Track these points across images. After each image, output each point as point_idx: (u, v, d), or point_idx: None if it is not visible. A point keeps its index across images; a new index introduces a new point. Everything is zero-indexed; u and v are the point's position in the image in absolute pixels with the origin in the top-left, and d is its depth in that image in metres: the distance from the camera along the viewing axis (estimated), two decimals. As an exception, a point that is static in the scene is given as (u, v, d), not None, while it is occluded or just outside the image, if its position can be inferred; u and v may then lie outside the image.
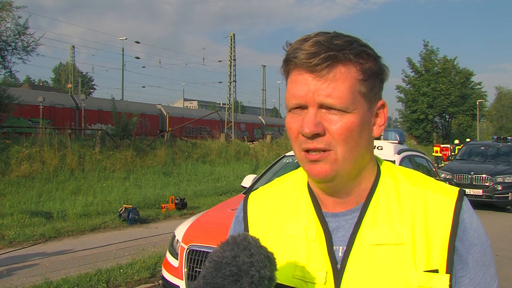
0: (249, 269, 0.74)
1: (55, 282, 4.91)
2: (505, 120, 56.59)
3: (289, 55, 0.86)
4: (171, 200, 10.49)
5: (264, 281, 0.75)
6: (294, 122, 0.87)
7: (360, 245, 0.88)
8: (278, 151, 22.56)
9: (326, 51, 0.82)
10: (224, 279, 0.73)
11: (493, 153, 13.33)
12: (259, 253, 0.76)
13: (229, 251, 0.76)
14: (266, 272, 0.75)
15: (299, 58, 0.84)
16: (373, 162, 0.95)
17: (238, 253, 0.75)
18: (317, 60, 0.82)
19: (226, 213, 4.08)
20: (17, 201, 10.23)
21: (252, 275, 0.74)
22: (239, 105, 64.41)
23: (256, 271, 0.74)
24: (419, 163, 5.84)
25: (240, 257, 0.75)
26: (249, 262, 0.75)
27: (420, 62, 41.19)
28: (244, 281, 0.73)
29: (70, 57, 51.65)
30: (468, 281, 0.87)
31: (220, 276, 0.74)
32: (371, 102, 0.88)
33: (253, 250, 0.76)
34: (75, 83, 53.15)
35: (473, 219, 0.89)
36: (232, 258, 0.75)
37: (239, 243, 0.77)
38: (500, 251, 6.98)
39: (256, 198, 1.06)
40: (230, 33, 37.25)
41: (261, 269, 0.75)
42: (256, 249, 0.77)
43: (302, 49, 0.84)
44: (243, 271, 0.74)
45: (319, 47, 0.82)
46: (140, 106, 28.59)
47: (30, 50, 15.59)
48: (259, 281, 0.74)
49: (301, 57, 0.83)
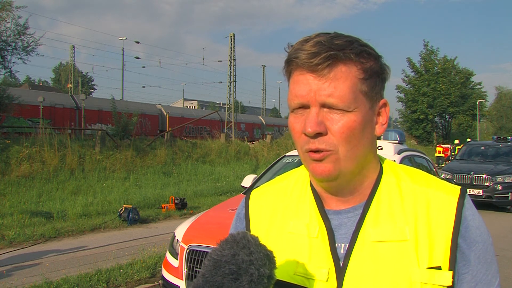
0: (248, 267, 0.74)
1: (55, 282, 4.91)
2: (505, 120, 56.60)
3: (291, 56, 0.87)
4: (171, 200, 10.49)
5: (263, 279, 0.75)
6: (297, 122, 0.88)
7: (363, 242, 0.88)
8: (278, 151, 22.57)
9: (327, 50, 0.83)
10: (223, 277, 0.73)
11: (493, 153, 13.33)
12: (258, 251, 0.76)
13: (229, 249, 0.76)
14: (265, 270, 0.75)
15: (300, 58, 0.85)
16: (375, 160, 0.96)
17: (238, 251, 0.75)
18: (318, 60, 0.83)
19: (226, 213, 4.08)
20: (17, 201, 10.23)
21: (251, 273, 0.74)
22: (239, 105, 64.42)
23: (255, 269, 0.74)
24: (419, 163, 5.84)
25: (240, 256, 0.75)
26: (249, 260, 0.74)
27: (420, 62, 41.21)
28: (244, 279, 0.73)
29: (70, 57, 51.67)
30: (470, 278, 0.87)
31: (219, 275, 0.74)
32: (373, 101, 0.89)
33: (253, 249, 0.76)
34: (75, 83, 53.17)
35: (475, 217, 0.90)
36: (231, 256, 0.75)
37: (238, 242, 0.77)
38: (500, 251, 6.99)
39: (258, 195, 1.06)
40: (230, 33, 37.28)
41: (261, 267, 0.75)
42: (255, 247, 0.77)
43: (303, 49, 0.85)
44: (243, 269, 0.74)
45: (320, 47, 0.83)
46: (140, 106, 28.59)
47: (30, 50, 15.59)
48: (259, 279, 0.74)
49: (302, 57, 0.84)
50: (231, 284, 0.73)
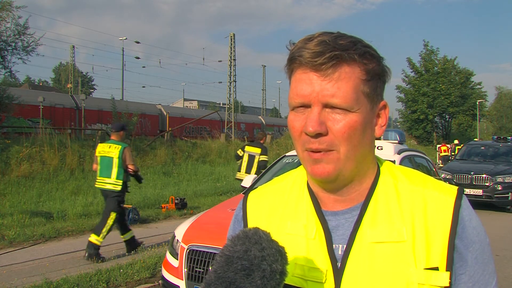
0: (260, 263, 0.74)
1: (55, 282, 4.91)
2: (505, 120, 56.57)
3: (294, 54, 0.87)
4: (171, 200, 10.49)
5: (275, 275, 0.74)
6: (297, 120, 0.87)
7: (360, 243, 0.88)
8: (278, 151, 22.55)
9: (331, 50, 0.83)
10: (235, 273, 0.73)
11: (493, 153, 13.33)
12: (270, 247, 0.76)
13: (241, 245, 0.76)
14: (277, 266, 0.75)
15: (304, 57, 0.84)
16: (374, 161, 0.96)
17: (250, 247, 0.75)
18: (322, 59, 0.82)
19: (226, 213, 4.08)
20: (17, 201, 10.23)
21: (263, 269, 0.73)
22: (239, 105, 64.41)
23: (267, 265, 0.74)
24: (419, 163, 5.84)
25: (252, 251, 0.74)
26: (261, 256, 0.74)
27: (420, 62, 41.19)
28: (256, 275, 0.73)
29: (70, 57, 51.75)
30: (467, 278, 0.87)
31: (231, 270, 0.73)
32: (374, 102, 0.89)
33: (265, 244, 0.76)
34: (75, 83, 53.20)
35: (472, 217, 0.90)
36: (243, 252, 0.74)
37: (250, 237, 0.77)
38: (500, 251, 6.98)
39: (256, 197, 1.06)
40: (230, 33, 37.28)
41: (273, 263, 0.74)
42: (267, 243, 0.76)
43: (307, 48, 0.84)
44: (255, 265, 0.73)
45: (324, 47, 0.83)
46: (140, 106, 28.56)
47: (30, 50, 15.61)
48: (271, 275, 0.74)
49: (306, 55, 0.84)
50: (243, 280, 0.72)
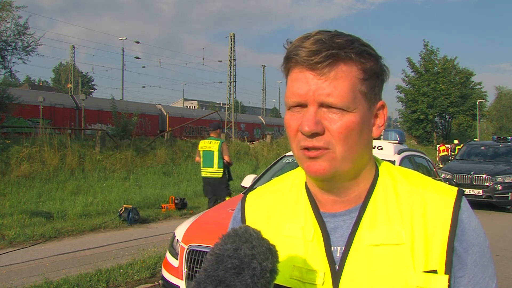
0: (250, 261, 0.73)
1: (55, 282, 4.91)
2: (505, 120, 56.61)
3: (290, 53, 0.85)
4: (171, 200, 10.49)
5: (266, 274, 0.74)
6: (293, 120, 0.86)
7: (359, 246, 0.87)
8: (278, 151, 22.54)
9: (327, 49, 0.81)
10: (225, 272, 0.72)
11: (493, 153, 13.33)
12: (260, 245, 0.75)
13: (231, 243, 0.75)
14: (268, 264, 0.74)
15: (300, 56, 0.83)
16: (371, 162, 0.94)
17: (240, 245, 0.75)
18: (318, 58, 0.81)
19: (226, 213, 4.09)
20: (17, 201, 10.23)
21: (254, 267, 0.73)
22: (239, 105, 64.36)
23: (258, 263, 0.73)
24: (419, 163, 5.84)
25: (242, 250, 0.74)
26: (251, 254, 0.74)
27: (420, 62, 41.20)
28: (246, 273, 0.72)
29: (70, 57, 51.74)
30: (467, 281, 0.86)
31: (221, 269, 0.73)
32: (371, 102, 0.88)
33: (255, 243, 0.75)
34: (75, 83, 53.19)
35: (471, 219, 0.88)
36: (233, 250, 0.74)
37: (240, 236, 0.76)
38: (500, 251, 6.98)
39: (254, 198, 1.05)
40: (230, 33, 37.29)
41: (263, 262, 0.74)
42: (257, 241, 0.76)
43: (303, 46, 0.83)
44: (245, 263, 0.73)
45: (320, 45, 0.82)
46: (140, 106, 28.58)
47: (30, 50, 15.59)
48: (261, 273, 0.73)
49: (302, 54, 0.83)
50: (234, 279, 0.72)
